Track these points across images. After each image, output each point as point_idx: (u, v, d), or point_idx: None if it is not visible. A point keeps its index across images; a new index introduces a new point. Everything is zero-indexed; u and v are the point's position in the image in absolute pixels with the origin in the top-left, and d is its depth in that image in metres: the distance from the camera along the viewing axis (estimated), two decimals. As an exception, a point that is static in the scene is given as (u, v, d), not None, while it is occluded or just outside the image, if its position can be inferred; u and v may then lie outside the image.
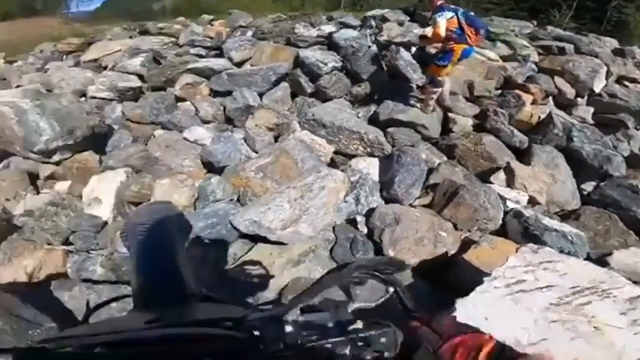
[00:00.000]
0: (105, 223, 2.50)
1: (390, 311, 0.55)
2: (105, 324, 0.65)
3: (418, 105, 3.48)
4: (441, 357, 0.49)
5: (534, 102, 3.80)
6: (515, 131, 3.40)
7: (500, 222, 2.45)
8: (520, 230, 2.37)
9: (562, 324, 1.42)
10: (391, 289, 0.58)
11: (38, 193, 3.07)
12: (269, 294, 1.90)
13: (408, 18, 5.38)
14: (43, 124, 2.99)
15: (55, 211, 2.56)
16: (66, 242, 2.46)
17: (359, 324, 0.49)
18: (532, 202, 2.80)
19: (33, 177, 3.17)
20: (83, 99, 4.12)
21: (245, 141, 2.97)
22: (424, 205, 2.54)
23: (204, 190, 2.28)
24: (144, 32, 6.03)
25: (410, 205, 2.49)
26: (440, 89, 3.39)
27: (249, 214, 2.03)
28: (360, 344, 0.47)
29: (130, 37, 5.92)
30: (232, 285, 1.88)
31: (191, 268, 0.82)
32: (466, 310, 1.42)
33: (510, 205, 2.59)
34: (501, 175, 2.98)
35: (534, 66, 4.41)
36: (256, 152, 2.85)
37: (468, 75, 3.95)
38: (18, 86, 4.48)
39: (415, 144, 3.11)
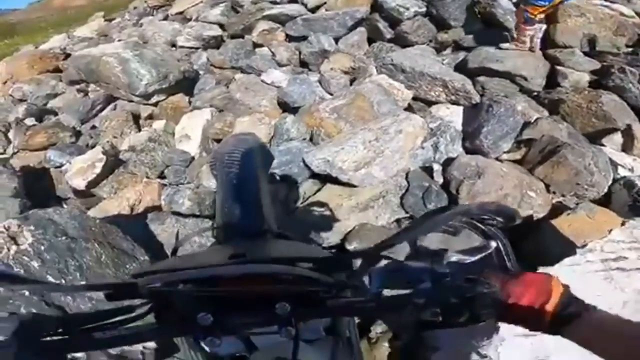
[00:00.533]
0: (193, 158, 2.76)
1: (485, 267, 0.47)
2: (190, 258, 0.66)
3: (513, 45, 3.06)
4: (507, 297, 0.42)
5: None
6: (646, 93, 2.77)
7: (605, 190, 2.10)
8: (627, 202, 2.03)
9: (655, 310, 1.25)
10: (493, 244, 0.49)
11: (139, 131, 3.50)
12: (334, 237, 1.93)
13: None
14: (142, 70, 3.34)
15: (153, 146, 2.89)
16: (161, 175, 2.75)
17: (456, 281, 0.43)
18: (651, 171, 2.33)
19: (135, 117, 3.61)
20: (174, 48, 4.46)
21: (320, 84, 2.92)
22: (513, 161, 2.27)
23: (280, 129, 2.34)
24: (222, -18, 6.11)
25: (497, 159, 2.24)
26: (536, 27, 2.99)
27: (322, 153, 2.03)
28: (454, 301, 0.41)
29: (209, -12, 6.06)
30: (299, 225, 1.94)
31: (270, 202, 0.82)
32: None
33: (622, 172, 2.20)
34: (617, 137, 2.51)
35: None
36: (331, 94, 2.79)
37: (590, 29, 3.31)
38: (119, 40, 5.01)
39: (511, 96, 2.72)
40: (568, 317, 0.40)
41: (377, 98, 2.40)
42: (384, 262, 0.48)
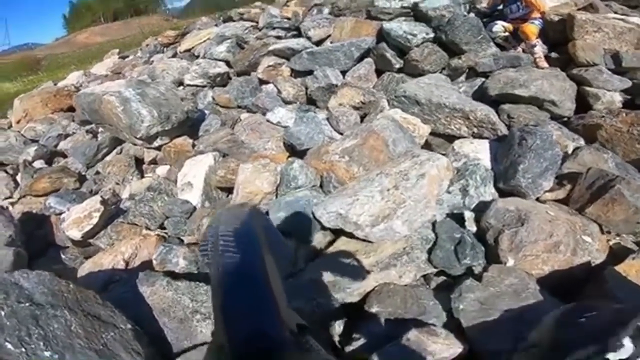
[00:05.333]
0: (195, 208, 2.55)
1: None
2: None
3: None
4: None
5: None
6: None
7: (668, 227, 1.80)
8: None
9: None
10: None
11: (142, 177, 3.34)
12: (351, 298, 1.65)
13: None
14: (144, 111, 3.17)
15: (153, 196, 2.70)
16: (162, 226, 2.55)
17: None
18: None
19: (139, 162, 3.47)
20: (181, 87, 4.40)
21: (328, 122, 2.71)
22: (557, 201, 1.96)
23: (286, 175, 2.10)
24: (228, 20, 6.23)
25: (538, 200, 1.94)
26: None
27: (334, 206, 1.77)
28: None
29: (216, 25, 6.17)
30: (310, 285, 1.68)
31: (283, 293, 0.60)
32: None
33: (684, 205, 1.89)
34: (667, 164, 2.21)
35: None
36: (341, 134, 2.57)
37: (611, 44, 3.10)
38: (130, 78, 5.02)
39: (541, 124, 2.45)
40: None
41: (392, 136, 2.15)
42: None
